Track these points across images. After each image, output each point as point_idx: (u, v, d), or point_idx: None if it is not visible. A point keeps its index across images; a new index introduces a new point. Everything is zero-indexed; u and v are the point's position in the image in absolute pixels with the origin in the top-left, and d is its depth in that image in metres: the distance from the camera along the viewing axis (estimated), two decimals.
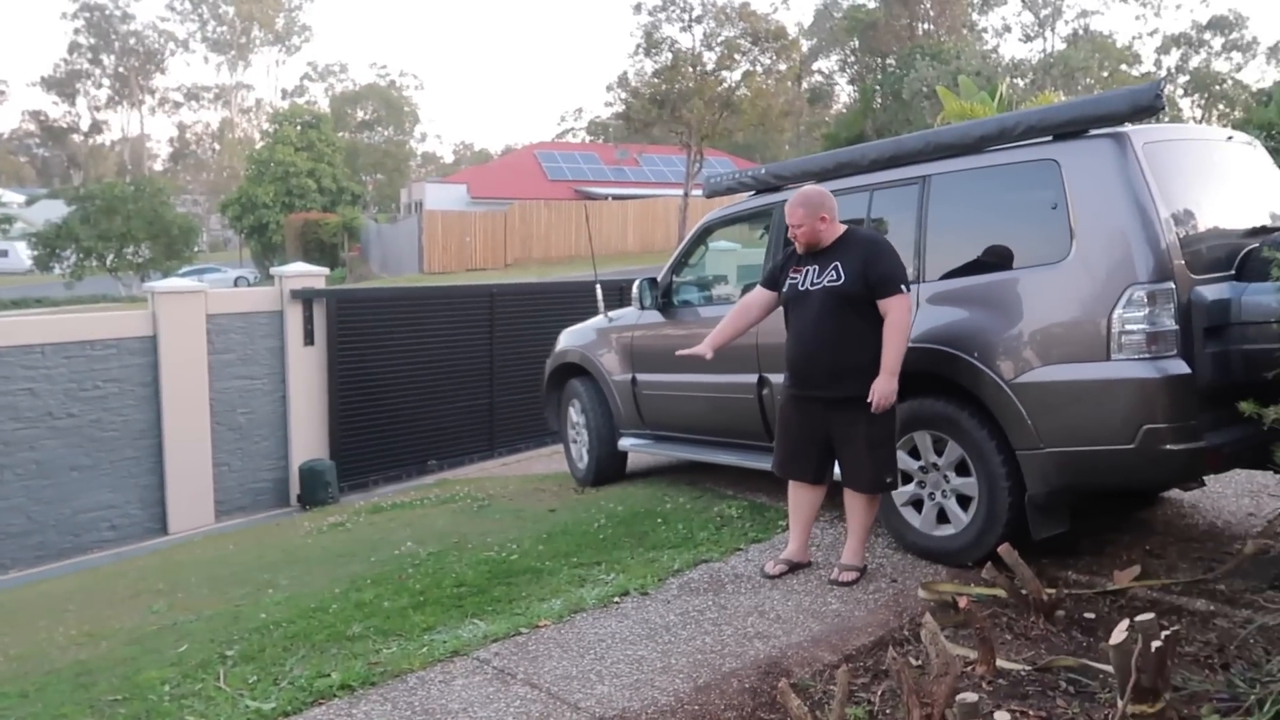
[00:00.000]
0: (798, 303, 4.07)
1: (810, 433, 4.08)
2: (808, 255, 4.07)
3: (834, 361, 3.95)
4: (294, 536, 6.96)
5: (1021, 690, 2.94)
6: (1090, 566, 4.02)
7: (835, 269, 3.95)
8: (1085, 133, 3.97)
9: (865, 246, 3.98)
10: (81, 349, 8.70)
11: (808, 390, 4.05)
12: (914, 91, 35.84)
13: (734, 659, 3.34)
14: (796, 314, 4.10)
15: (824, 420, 4.03)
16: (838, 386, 3.94)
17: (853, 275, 3.91)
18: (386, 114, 67.64)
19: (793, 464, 4.17)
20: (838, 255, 3.98)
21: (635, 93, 31.97)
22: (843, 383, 3.92)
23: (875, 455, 3.94)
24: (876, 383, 3.84)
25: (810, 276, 4.03)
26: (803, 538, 4.25)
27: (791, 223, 4.04)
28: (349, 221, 40.74)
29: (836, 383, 3.94)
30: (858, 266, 3.91)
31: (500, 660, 3.47)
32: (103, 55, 70.10)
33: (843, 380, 3.92)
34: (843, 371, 3.92)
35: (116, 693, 3.63)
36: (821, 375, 3.98)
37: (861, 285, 3.89)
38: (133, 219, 35.41)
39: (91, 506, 8.73)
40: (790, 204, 4.08)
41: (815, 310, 3.98)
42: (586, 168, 42.22)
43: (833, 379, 3.95)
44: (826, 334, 3.96)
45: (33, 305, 30.01)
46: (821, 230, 4.01)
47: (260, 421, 9.79)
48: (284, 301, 9.85)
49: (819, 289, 3.98)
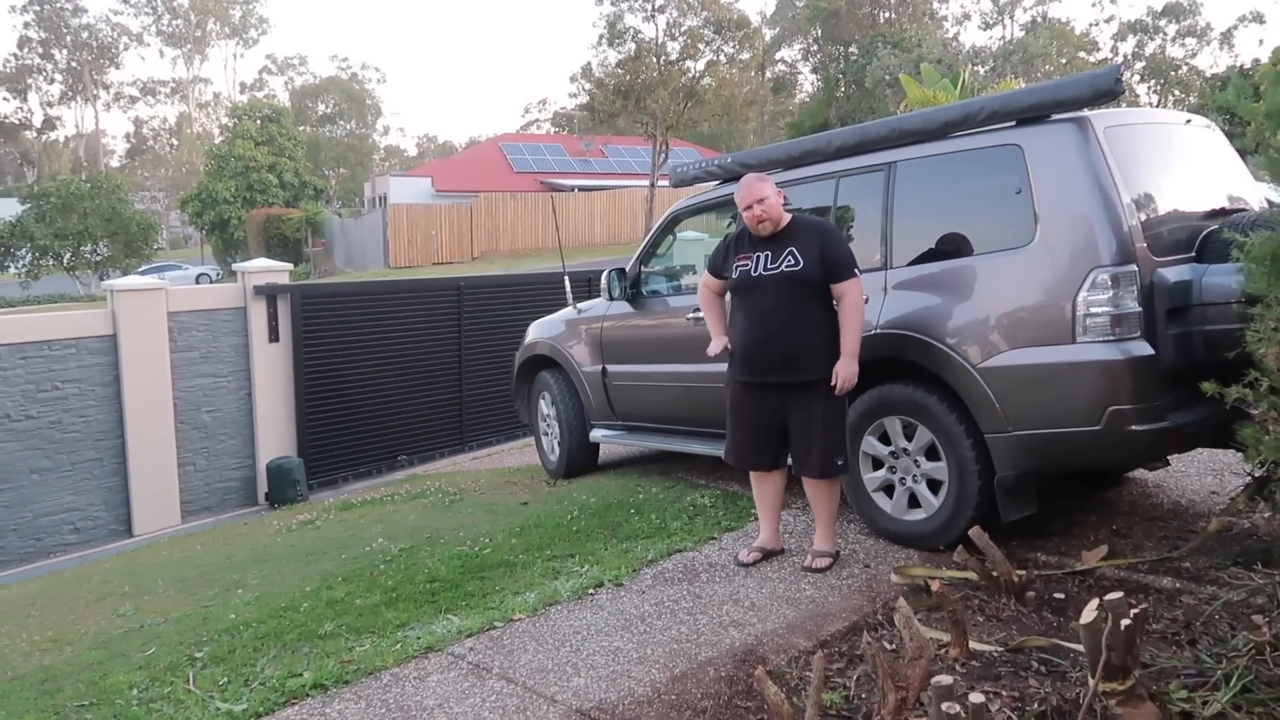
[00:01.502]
0: (750, 289, 4.03)
1: (764, 419, 4.07)
2: (758, 241, 4.04)
3: (792, 346, 3.94)
4: (263, 536, 6.87)
5: (994, 671, 2.97)
6: (1059, 547, 4.07)
7: (791, 254, 3.94)
8: (1048, 118, 4.01)
9: (818, 232, 3.99)
10: (39, 349, 8.52)
11: (763, 377, 4.02)
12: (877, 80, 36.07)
13: (710, 648, 3.35)
14: (748, 301, 4.05)
15: (778, 405, 4.02)
16: (796, 371, 3.94)
17: (809, 259, 3.92)
18: (348, 107, 66.94)
19: (748, 453, 4.17)
20: (791, 241, 3.97)
21: (599, 83, 31.84)
22: (801, 367, 3.93)
23: (828, 438, 3.96)
24: (839, 365, 3.87)
25: (763, 262, 4.00)
26: (773, 524, 4.26)
27: (756, 198, 3.97)
28: (312, 216, 40.27)
29: (795, 367, 3.94)
30: (814, 252, 3.91)
31: (475, 655, 3.45)
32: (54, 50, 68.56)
33: (801, 365, 3.93)
34: (801, 356, 3.93)
35: (83, 698, 3.56)
36: (779, 361, 3.96)
37: (818, 269, 3.90)
38: (90, 217, 34.75)
39: (53, 509, 8.57)
40: (746, 183, 4.03)
41: (772, 296, 3.96)
42: (552, 159, 42.03)
43: (791, 364, 3.95)
44: (785, 320, 3.94)
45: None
46: (780, 212, 4.02)
47: (226, 420, 9.65)
48: (247, 298, 9.70)
49: (775, 274, 3.95)
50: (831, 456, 3.98)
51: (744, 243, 4.11)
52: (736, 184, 5.34)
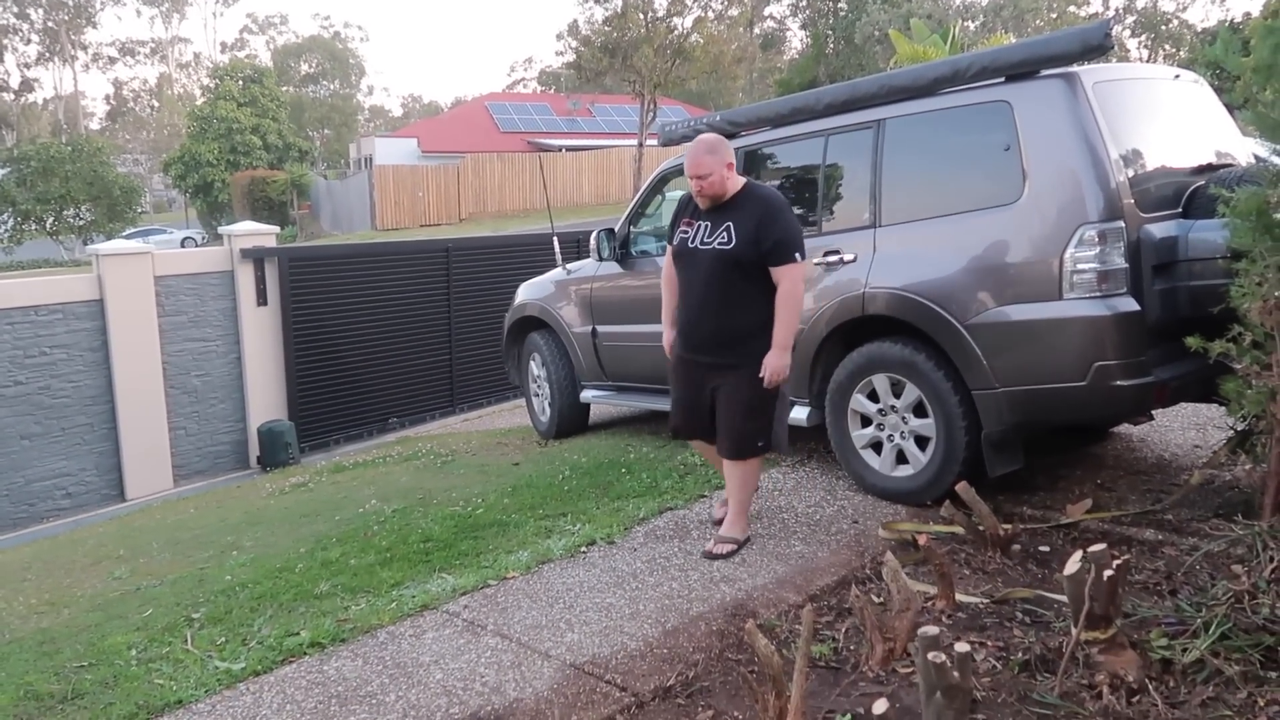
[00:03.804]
0: (686, 260, 3.84)
1: (695, 394, 3.90)
2: (703, 209, 3.81)
3: (718, 328, 3.75)
4: (256, 498, 6.91)
5: (980, 622, 3.03)
6: (1044, 501, 4.13)
7: (727, 230, 3.69)
8: (1037, 73, 4.00)
9: (761, 207, 3.70)
10: (25, 315, 8.46)
11: (692, 354, 3.87)
12: (866, 36, 35.71)
13: (701, 603, 3.40)
14: (684, 272, 3.87)
15: (708, 381, 3.86)
16: (720, 353, 3.77)
17: (744, 239, 3.66)
18: (331, 67, 65.95)
19: (687, 425, 4.03)
20: (732, 214, 3.72)
21: (586, 41, 31.48)
22: (726, 350, 3.75)
23: (750, 422, 3.78)
24: (769, 357, 3.67)
25: (701, 234, 3.77)
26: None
27: (697, 173, 3.70)
28: (297, 178, 39.86)
29: (720, 349, 3.77)
30: (750, 229, 3.65)
31: (470, 613, 3.50)
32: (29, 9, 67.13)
33: (726, 348, 3.75)
34: (727, 339, 3.75)
35: (82, 659, 3.60)
36: (705, 340, 3.80)
37: (753, 250, 3.65)
38: (71, 180, 34.34)
39: (45, 475, 8.57)
40: (694, 153, 3.72)
41: (703, 272, 3.75)
42: (539, 119, 41.61)
43: (716, 345, 3.77)
44: (712, 298, 3.74)
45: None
46: (728, 180, 3.73)
47: (216, 384, 9.64)
48: (234, 261, 9.64)
49: (708, 250, 3.73)
50: (751, 439, 3.80)
51: (690, 208, 3.89)
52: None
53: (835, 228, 4.63)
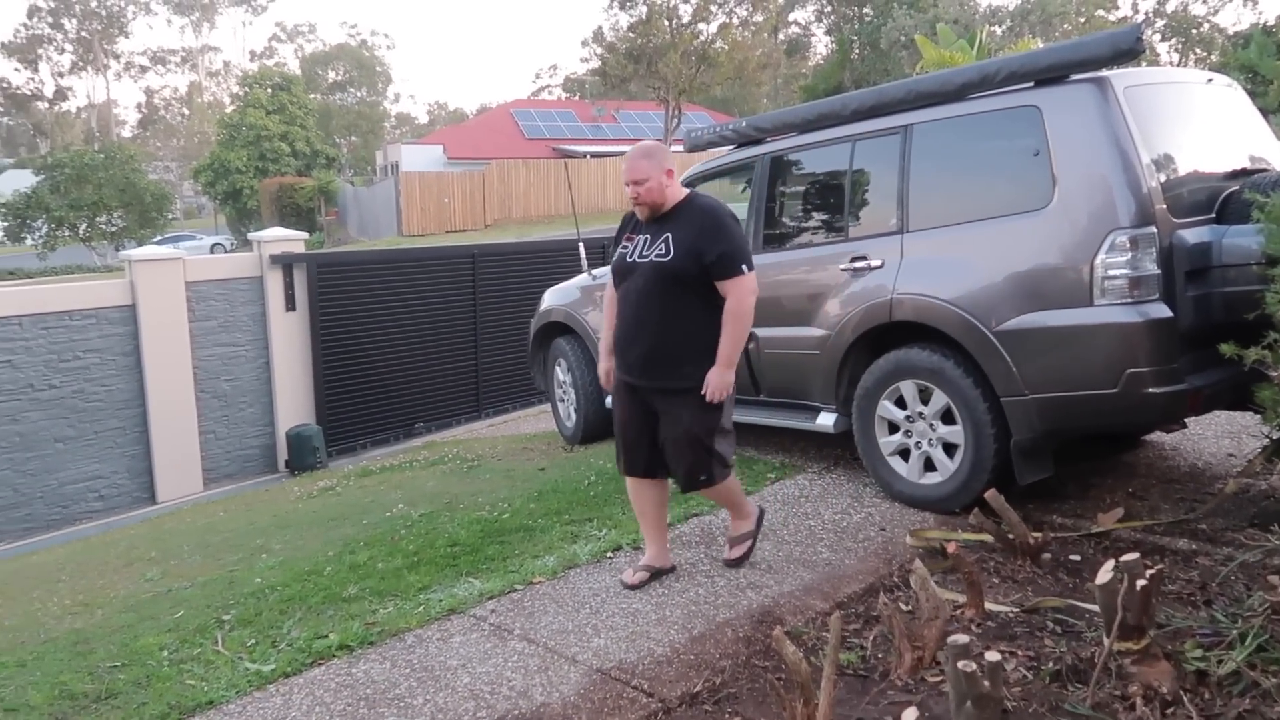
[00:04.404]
0: (625, 276, 3.55)
1: (637, 421, 3.59)
2: (644, 222, 3.54)
3: (655, 348, 3.46)
4: (284, 502, 6.97)
5: (1010, 631, 3.01)
6: (1075, 510, 4.09)
7: (665, 241, 3.42)
8: (1067, 78, 3.97)
9: (702, 218, 3.42)
10: (60, 319, 8.61)
11: (628, 376, 3.58)
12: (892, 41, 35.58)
13: (727, 609, 3.39)
14: (623, 289, 3.57)
15: (650, 408, 3.57)
16: (659, 377, 3.48)
17: (683, 251, 3.38)
18: (359, 75, 66.61)
19: (622, 455, 3.69)
20: (671, 226, 3.45)
21: (611, 48, 31.63)
22: (664, 373, 3.46)
23: (692, 454, 3.50)
24: (711, 374, 3.40)
25: (640, 247, 3.50)
26: (658, 539, 3.76)
27: (633, 178, 3.43)
28: (325, 185, 40.24)
29: (657, 373, 3.48)
30: (690, 241, 3.38)
31: (496, 617, 3.51)
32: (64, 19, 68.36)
33: (663, 370, 3.46)
34: (665, 360, 3.45)
35: (115, 659, 3.65)
36: (641, 362, 3.50)
37: (693, 264, 3.37)
38: (104, 187, 34.84)
39: (78, 477, 8.70)
40: (631, 158, 3.47)
41: (640, 287, 3.45)
42: (564, 125, 41.75)
43: (654, 368, 3.48)
44: (649, 316, 3.44)
45: (6, 277, 29.56)
46: (667, 188, 3.46)
47: (245, 388, 9.75)
48: (263, 267, 9.76)
49: (646, 263, 3.45)
50: (694, 474, 3.54)
51: (633, 222, 3.63)
52: (751, 149, 5.35)
53: (862, 233, 4.61)
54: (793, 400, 4.94)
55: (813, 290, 4.73)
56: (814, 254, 4.88)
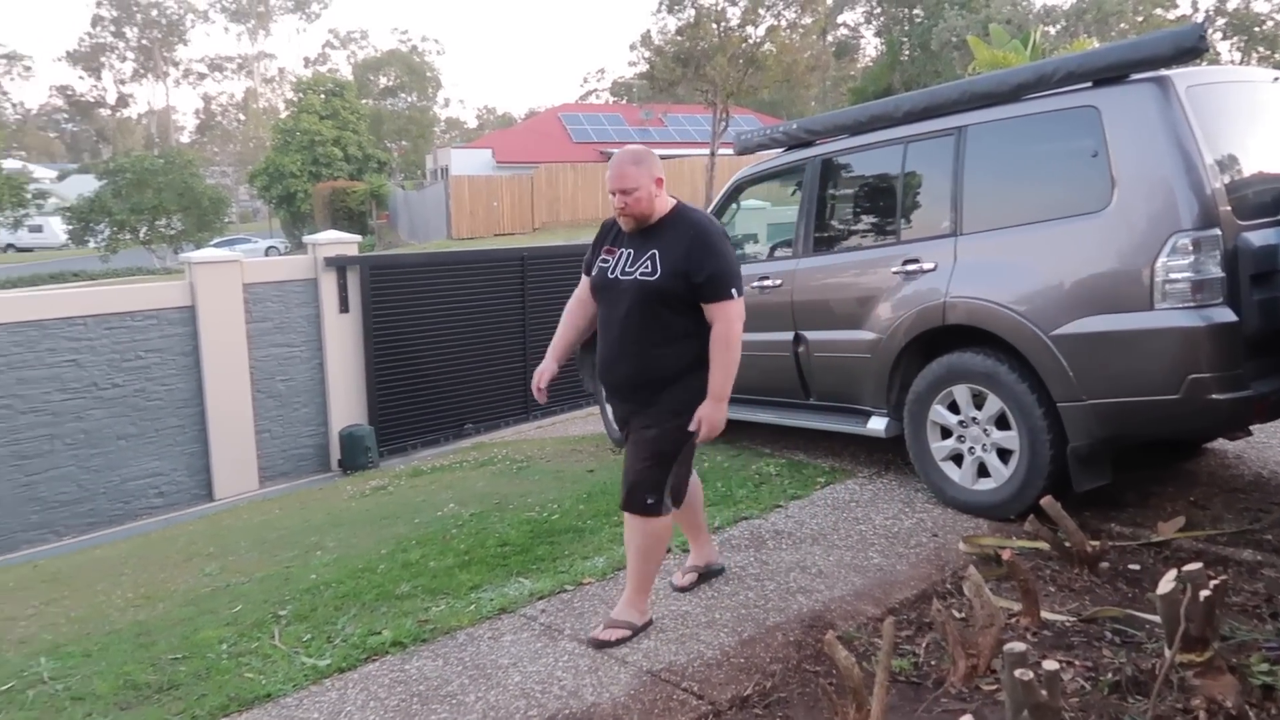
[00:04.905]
0: (605, 293, 3.32)
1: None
2: (628, 235, 3.30)
3: (638, 370, 3.23)
4: (337, 500, 7.08)
5: (1067, 641, 2.96)
6: (1134, 518, 4.00)
7: (651, 258, 3.18)
8: (1126, 77, 3.90)
9: (691, 235, 3.18)
10: (122, 320, 8.83)
11: (618, 400, 3.40)
12: (943, 42, 35.14)
13: (777, 613, 3.38)
14: (604, 308, 3.36)
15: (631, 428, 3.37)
16: (640, 399, 3.26)
17: (669, 269, 3.14)
18: (409, 80, 67.43)
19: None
20: (657, 241, 3.20)
21: (659, 51, 31.58)
22: (648, 400, 3.23)
23: (649, 470, 3.22)
24: (703, 409, 3.14)
25: (623, 263, 3.26)
26: (697, 540, 3.71)
27: (621, 187, 3.18)
28: (376, 189, 40.83)
29: (638, 394, 3.26)
30: (677, 259, 3.14)
31: (547, 617, 3.53)
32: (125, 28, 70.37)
33: (648, 398, 3.23)
34: (647, 383, 3.23)
35: (176, 651, 3.74)
36: (625, 388, 3.30)
37: (680, 283, 3.13)
38: (163, 191, 35.73)
39: (139, 474, 8.93)
40: (618, 164, 3.22)
41: (623, 306, 3.23)
42: (611, 129, 41.88)
43: (634, 389, 3.26)
44: (631, 337, 3.22)
45: (70, 279, 30.44)
46: (656, 198, 3.23)
47: (299, 389, 9.92)
48: (318, 269, 9.92)
49: (629, 281, 3.21)
50: (642, 490, 3.21)
51: (613, 233, 3.39)
52: (801, 151, 5.33)
53: (914, 236, 4.58)
54: (843, 404, 4.91)
55: (864, 293, 4.69)
56: (865, 257, 4.84)
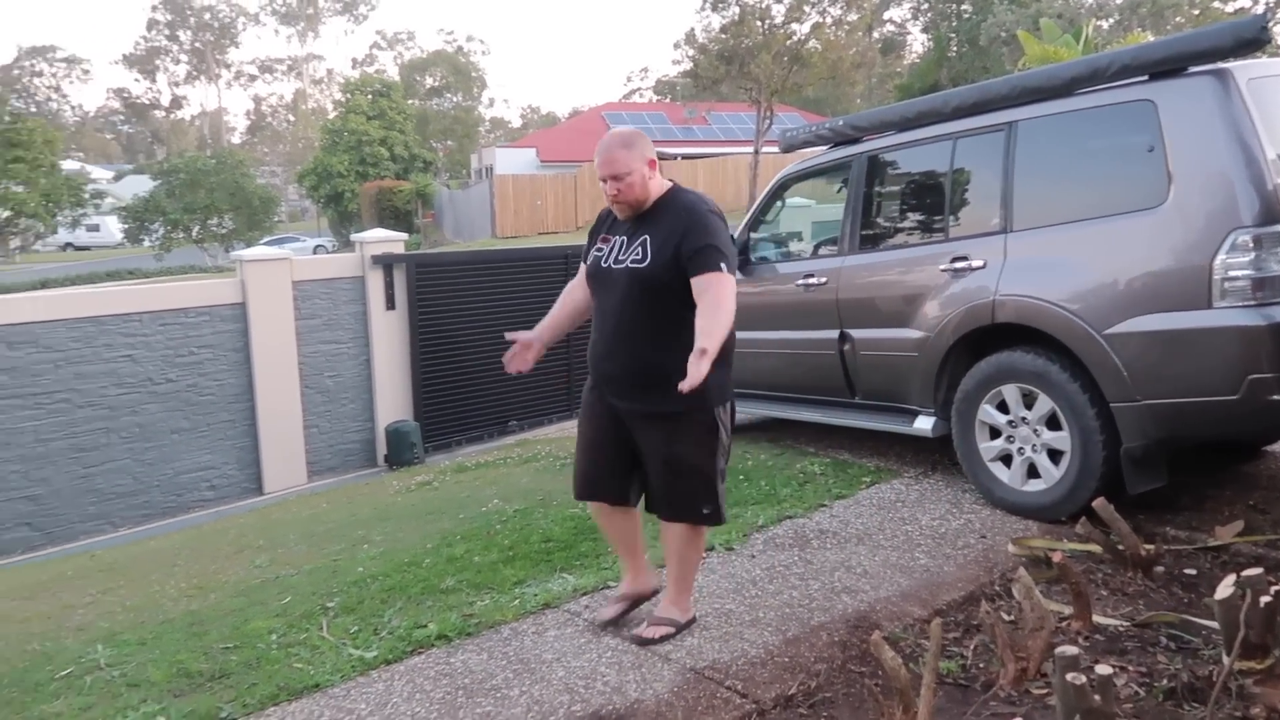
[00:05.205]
0: (600, 283, 3.16)
1: (608, 439, 3.21)
2: (622, 221, 3.14)
3: (635, 365, 3.05)
4: (384, 495, 7.17)
5: (1120, 646, 2.90)
6: (1190, 522, 3.91)
7: (643, 244, 3.01)
8: (1184, 70, 3.81)
9: (684, 219, 2.98)
10: (176, 316, 9.03)
11: (604, 392, 3.20)
12: (992, 37, 34.60)
13: (822, 613, 3.36)
14: (598, 297, 3.19)
15: (626, 428, 3.16)
16: (641, 398, 3.07)
17: (661, 255, 2.96)
18: (454, 80, 68.05)
19: (584, 478, 3.29)
20: (650, 226, 3.03)
21: (703, 49, 31.49)
22: (647, 394, 3.04)
23: (691, 483, 3.08)
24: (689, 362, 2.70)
25: (616, 250, 3.10)
26: (636, 562, 3.39)
27: (612, 173, 2.99)
28: (422, 188, 41.27)
29: (639, 394, 3.07)
30: (670, 242, 2.96)
31: (590, 613, 3.54)
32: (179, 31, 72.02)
33: (647, 391, 3.04)
34: (647, 380, 3.03)
35: (227, 641, 3.81)
36: (621, 381, 3.11)
37: (672, 269, 2.94)
38: (215, 191, 36.51)
39: (192, 467, 9.12)
40: (607, 149, 3.02)
41: (618, 297, 3.06)
42: (655, 128, 41.88)
43: (635, 388, 3.08)
44: (627, 328, 3.05)
45: (126, 277, 31.19)
46: (650, 182, 3.04)
47: (346, 385, 10.07)
48: (365, 267, 10.06)
49: (621, 269, 3.05)
50: (696, 504, 3.10)
51: (609, 221, 3.22)
52: (848, 148, 5.29)
53: (963, 233, 4.52)
54: (889, 403, 4.86)
55: (911, 291, 4.64)
56: (912, 254, 4.79)
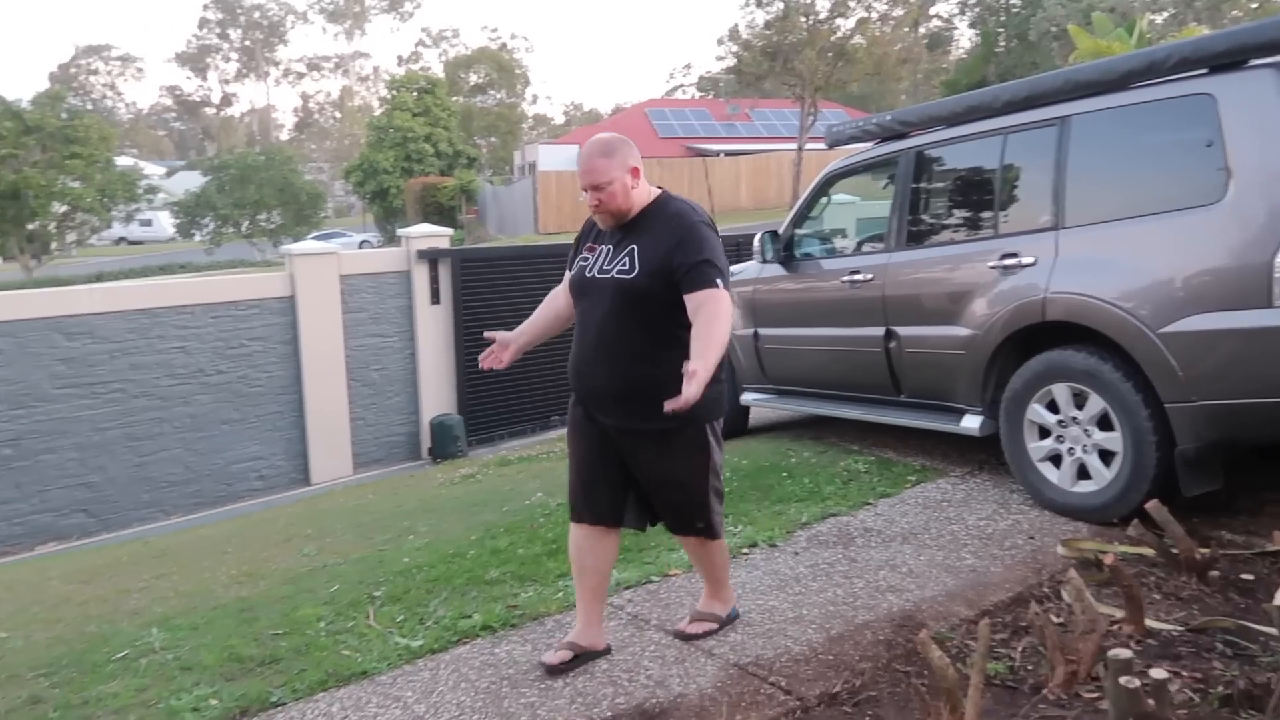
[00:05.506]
0: (584, 292, 3.01)
1: (601, 460, 3.05)
2: (608, 230, 3.00)
3: (618, 381, 2.91)
4: (428, 487, 7.26)
5: (1174, 651, 2.85)
6: (1247, 526, 3.82)
7: (630, 254, 2.88)
8: (1245, 63, 3.72)
9: (675, 229, 2.85)
10: (227, 309, 9.21)
11: (589, 408, 3.06)
12: (1042, 32, 33.99)
13: (867, 611, 3.34)
14: (581, 309, 3.05)
15: (614, 446, 3.02)
16: (625, 415, 2.93)
17: (650, 265, 2.83)
18: (498, 77, 68.40)
19: (575, 497, 3.15)
20: (637, 236, 2.90)
21: (746, 45, 31.42)
22: (631, 411, 2.90)
23: (686, 501, 3.01)
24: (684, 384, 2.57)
25: (600, 260, 2.96)
26: (591, 609, 3.13)
27: (593, 182, 2.86)
28: (466, 184, 41.53)
29: (622, 410, 2.93)
30: (659, 253, 2.82)
31: (634, 607, 3.56)
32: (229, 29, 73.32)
33: (631, 407, 2.90)
34: (630, 396, 2.89)
35: (277, 627, 3.88)
36: (603, 396, 2.97)
37: (661, 281, 2.81)
38: (264, 187, 37.14)
39: (241, 457, 9.30)
40: (586, 157, 2.89)
41: (602, 309, 2.92)
42: (698, 124, 41.81)
43: (618, 404, 2.94)
44: (610, 341, 2.91)
45: (177, 270, 31.86)
46: (633, 191, 2.90)
47: (392, 378, 10.20)
48: (411, 262, 10.18)
49: (608, 280, 2.91)
50: (690, 520, 3.06)
51: (595, 230, 3.07)
52: (894, 144, 5.23)
53: (1012, 229, 4.45)
54: (935, 401, 4.81)
55: (958, 288, 4.59)
56: (960, 251, 4.74)
